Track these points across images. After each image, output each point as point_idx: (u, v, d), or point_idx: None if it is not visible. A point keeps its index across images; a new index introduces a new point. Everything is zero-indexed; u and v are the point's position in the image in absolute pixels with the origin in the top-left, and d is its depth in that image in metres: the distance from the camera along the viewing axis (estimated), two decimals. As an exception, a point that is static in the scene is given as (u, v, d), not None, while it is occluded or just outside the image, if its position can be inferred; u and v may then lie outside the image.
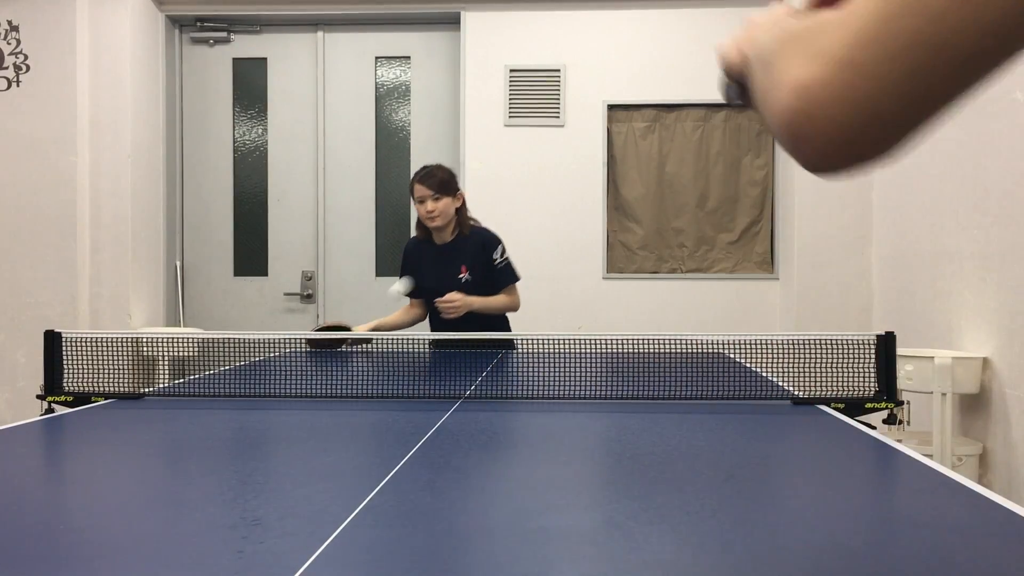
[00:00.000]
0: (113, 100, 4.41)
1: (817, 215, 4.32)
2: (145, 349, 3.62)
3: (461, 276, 3.01)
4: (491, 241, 3.08)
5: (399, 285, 3.09)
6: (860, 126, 0.49)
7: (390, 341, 3.01)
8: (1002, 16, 0.44)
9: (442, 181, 2.98)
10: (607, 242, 4.63)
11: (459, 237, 3.07)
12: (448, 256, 3.06)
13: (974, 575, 0.84)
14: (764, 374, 2.26)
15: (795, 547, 0.92)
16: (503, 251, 3.08)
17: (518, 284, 3.12)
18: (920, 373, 3.15)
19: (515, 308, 3.11)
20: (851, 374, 1.94)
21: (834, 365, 1.95)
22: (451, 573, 0.83)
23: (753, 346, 2.21)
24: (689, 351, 2.22)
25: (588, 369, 2.24)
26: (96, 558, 0.87)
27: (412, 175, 3.11)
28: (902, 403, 1.96)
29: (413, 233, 3.24)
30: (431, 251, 3.10)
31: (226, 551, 0.89)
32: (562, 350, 2.29)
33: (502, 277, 3.06)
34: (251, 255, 4.93)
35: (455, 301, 2.92)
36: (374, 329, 3.03)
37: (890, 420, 1.94)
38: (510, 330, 3.15)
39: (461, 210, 3.07)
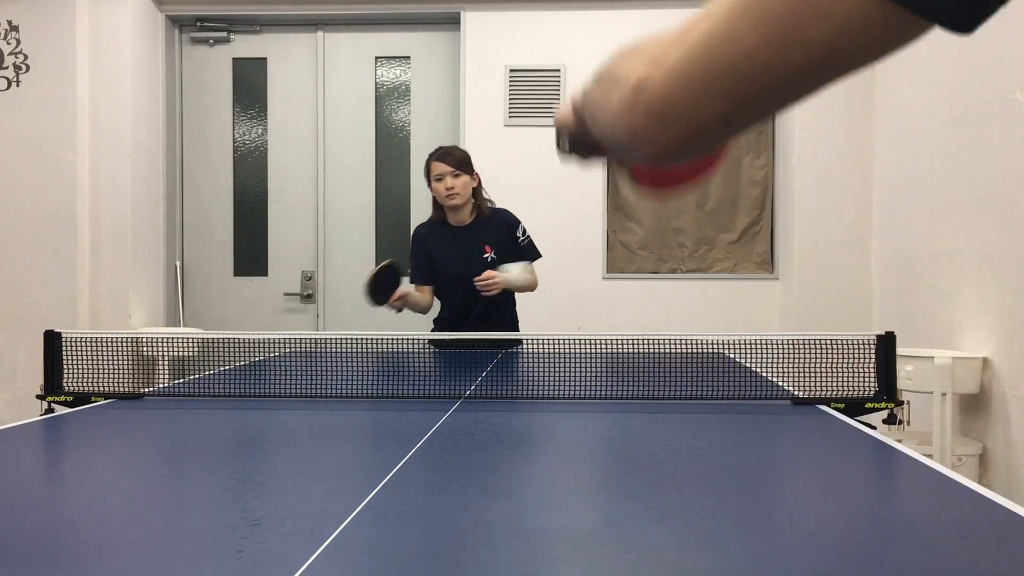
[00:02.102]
0: (113, 100, 4.41)
1: (817, 215, 4.32)
2: (145, 349, 3.62)
3: (486, 255, 3.03)
4: (514, 220, 3.14)
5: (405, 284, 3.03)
6: (682, 127, 0.57)
7: (390, 341, 3.01)
8: (800, 63, 0.50)
9: (460, 159, 3.02)
10: (607, 242, 4.63)
11: (479, 218, 3.08)
12: (470, 236, 3.06)
13: (974, 575, 0.84)
14: (764, 374, 2.26)
15: (795, 547, 0.92)
16: (524, 229, 3.13)
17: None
18: (920, 373, 3.15)
19: (535, 287, 3.14)
20: (851, 374, 1.94)
21: (834, 365, 1.95)
22: (451, 573, 0.83)
23: (753, 346, 2.21)
24: (689, 351, 2.22)
25: (588, 369, 2.24)
26: (96, 558, 0.87)
27: (427, 157, 3.10)
28: (902, 403, 1.96)
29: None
30: (449, 233, 3.09)
31: (226, 551, 0.89)
32: (562, 350, 2.29)
33: (527, 254, 3.12)
34: (251, 255, 4.93)
35: (494, 278, 2.93)
36: (402, 297, 2.98)
37: (890, 420, 1.94)
38: (519, 328, 3.16)
39: (478, 191, 3.09)
